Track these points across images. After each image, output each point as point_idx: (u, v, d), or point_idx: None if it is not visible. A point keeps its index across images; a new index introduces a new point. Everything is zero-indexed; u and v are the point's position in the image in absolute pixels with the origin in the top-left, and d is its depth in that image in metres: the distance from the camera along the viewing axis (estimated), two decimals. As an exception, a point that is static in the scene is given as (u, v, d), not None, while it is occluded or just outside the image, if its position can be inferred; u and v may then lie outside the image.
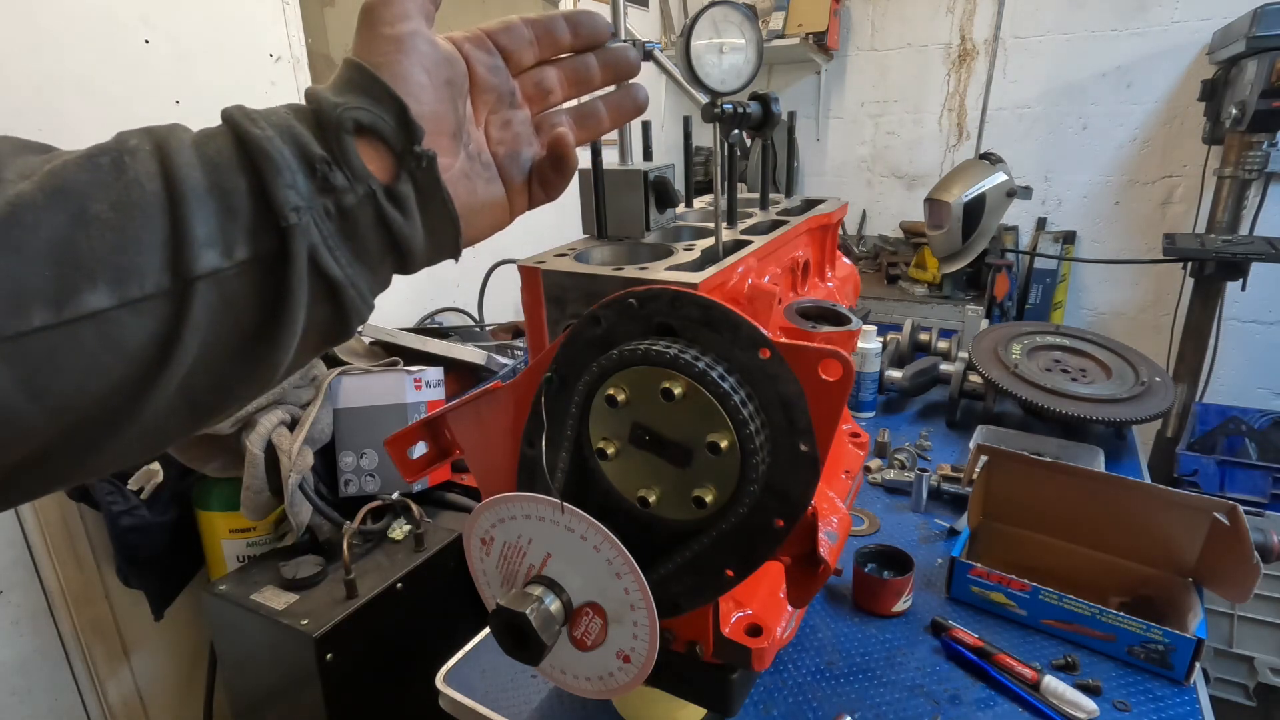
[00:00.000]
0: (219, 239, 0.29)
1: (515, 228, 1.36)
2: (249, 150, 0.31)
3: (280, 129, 0.32)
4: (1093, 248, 2.94)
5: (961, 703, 0.83)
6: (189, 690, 1.67)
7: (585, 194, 0.74)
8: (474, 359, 1.62)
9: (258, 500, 1.28)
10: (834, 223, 0.95)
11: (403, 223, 0.35)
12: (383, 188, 0.34)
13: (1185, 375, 2.20)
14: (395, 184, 0.34)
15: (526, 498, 0.53)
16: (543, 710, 0.86)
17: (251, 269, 0.30)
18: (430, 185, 0.36)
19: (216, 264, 0.29)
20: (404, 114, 0.34)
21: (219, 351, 0.31)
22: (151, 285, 0.28)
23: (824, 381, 0.49)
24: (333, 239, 0.32)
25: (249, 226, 0.30)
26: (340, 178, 0.32)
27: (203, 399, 0.32)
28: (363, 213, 0.33)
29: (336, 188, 0.32)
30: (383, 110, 0.34)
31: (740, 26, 0.62)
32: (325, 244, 0.32)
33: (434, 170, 0.36)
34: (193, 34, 1.51)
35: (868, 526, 1.20)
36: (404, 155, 0.35)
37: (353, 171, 0.33)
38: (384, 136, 0.34)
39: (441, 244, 0.39)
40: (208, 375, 0.31)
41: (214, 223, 0.29)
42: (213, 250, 0.29)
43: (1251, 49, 2.05)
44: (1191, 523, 0.96)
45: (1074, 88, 2.83)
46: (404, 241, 0.36)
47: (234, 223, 0.30)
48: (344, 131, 0.33)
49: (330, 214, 0.32)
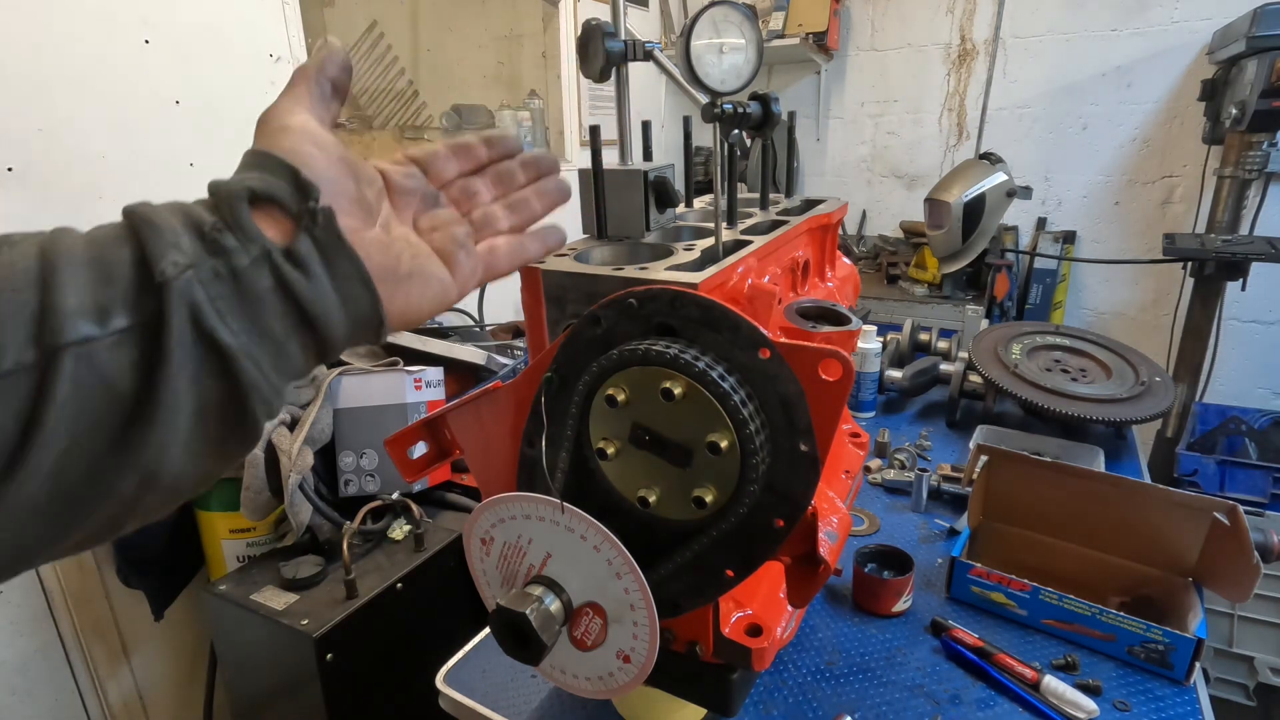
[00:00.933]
0: (92, 307, 0.27)
1: (515, 228, 1.31)
2: (134, 223, 0.30)
3: (172, 207, 0.31)
4: (1093, 248, 2.94)
5: (961, 703, 0.83)
6: (189, 690, 1.67)
7: (585, 194, 0.74)
8: (474, 359, 1.62)
9: (258, 500, 1.28)
10: (834, 223, 0.95)
11: (305, 284, 0.33)
12: (280, 249, 0.32)
13: (1185, 375, 2.20)
14: (294, 244, 0.33)
15: (526, 498, 0.53)
16: (543, 710, 0.86)
17: (131, 338, 0.28)
18: (332, 241, 0.34)
19: (88, 333, 0.27)
20: (296, 176, 0.34)
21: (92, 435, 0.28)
22: (11, 361, 0.26)
23: (824, 381, 0.49)
24: (222, 302, 0.30)
25: (128, 292, 0.28)
26: (231, 240, 0.31)
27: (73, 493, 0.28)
28: (258, 275, 0.31)
29: (227, 249, 0.30)
30: (276, 177, 0.33)
31: (740, 26, 0.62)
32: (213, 306, 0.30)
33: (333, 224, 0.34)
34: (193, 34, 1.51)
35: (868, 526, 1.20)
36: (300, 215, 0.33)
37: (245, 234, 0.31)
38: (279, 200, 0.33)
39: (359, 311, 0.36)
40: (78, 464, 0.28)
41: (87, 291, 0.27)
42: (83, 319, 0.27)
43: (1251, 49, 2.05)
44: (1191, 523, 0.96)
45: (1074, 88, 2.83)
46: (311, 307, 0.33)
47: (111, 289, 0.28)
48: (236, 200, 0.32)
49: (221, 275, 0.30)
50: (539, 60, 2.75)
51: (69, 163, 1.34)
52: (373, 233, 0.38)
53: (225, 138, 1.58)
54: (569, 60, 2.70)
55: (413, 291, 0.40)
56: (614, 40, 0.68)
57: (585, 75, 0.71)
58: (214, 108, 1.55)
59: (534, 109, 2.69)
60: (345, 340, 0.36)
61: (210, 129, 1.55)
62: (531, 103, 2.70)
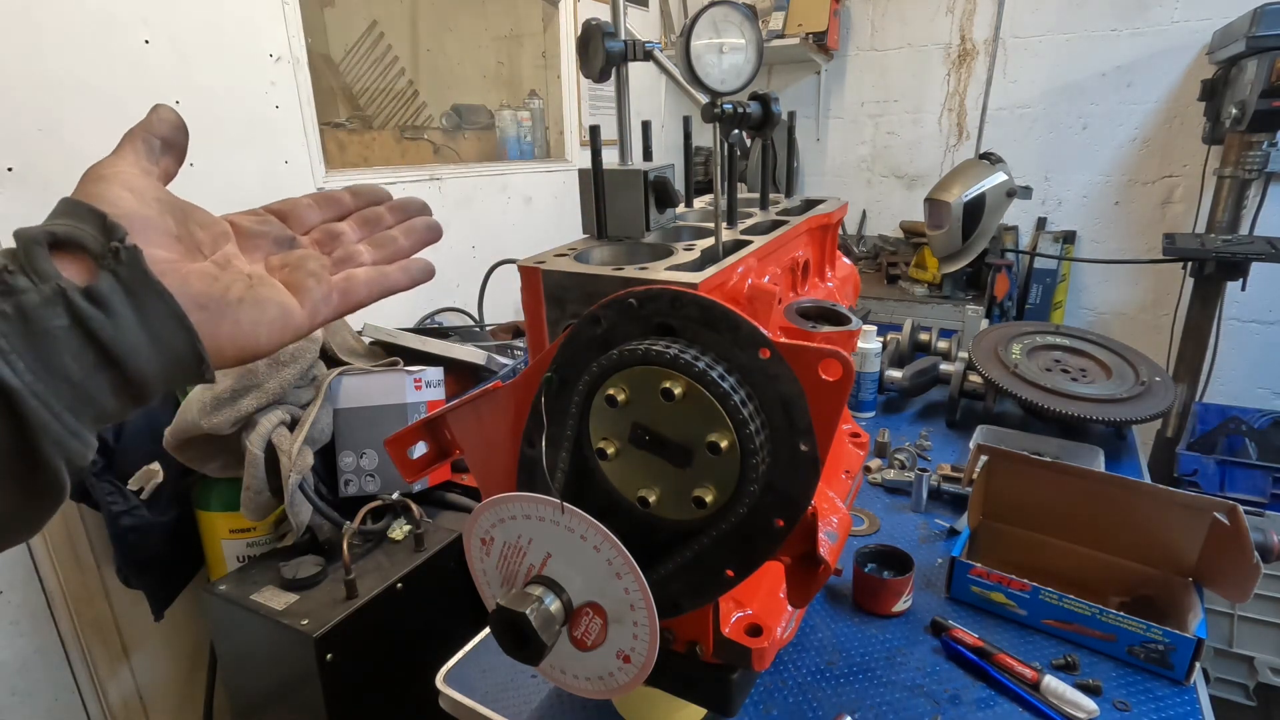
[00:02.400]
0: None
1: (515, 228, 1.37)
2: None
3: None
4: (1093, 248, 2.94)
5: (961, 703, 0.83)
6: (189, 690, 1.67)
7: (585, 194, 0.74)
8: (474, 359, 1.62)
9: (258, 500, 1.28)
10: (834, 223, 0.95)
11: (106, 323, 0.32)
12: (79, 289, 0.31)
13: (1185, 375, 2.20)
14: (95, 283, 0.32)
15: (526, 498, 0.53)
16: (543, 710, 0.86)
17: None
18: (138, 278, 0.33)
19: None
20: (103, 220, 0.33)
21: None
22: None
23: (824, 381, 0.49)
24: (6, 340, 0.29)
25: None
26: (23, 280, 0.30)
27: None
28: (51, 314, 0.30)
29: (16, 289, 0.30)
30: (81, 222, 0.33)
31: (740, 26, 0.62)
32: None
33: (139, 262, 0.33)
34: (193, 34, 1.51)
35: (868, 526, 1.20)
36: (102, 254, 0.33)
37: (38, 274, 0.31)
38: (83, 244, 0.32)
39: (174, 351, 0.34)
40: None
41: None
42: None
43: (1251, 49, 2.05)
44: (1191, 523, 0.96)
45: (1074, 88, 2.83)
46: (113, 346, 0.32)
47: None
48: (34, 244, 0.31)
49: (7, 315, 0.29)
50: (539, 60, 2.75)
51: (69, 163, 1.34)
52: (197, 265, 0.38)
53: (225, 137, 1.58)
54: (569, 60, 2.70)
55: (243, 318, 0.38)
56: (614, 40, 0.68)
57: (585, 75, 0.71)
58: (214, 108, 1.55)
59: (534, 109, 2.70)
60: (161, 379, 0.35)
61: (210, 129, 1.55)
62: (531, 103, 2.70)
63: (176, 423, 1.27)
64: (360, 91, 2.30)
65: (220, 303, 0.37)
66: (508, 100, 2.72)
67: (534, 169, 2.62)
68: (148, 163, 0.39)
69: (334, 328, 1.53)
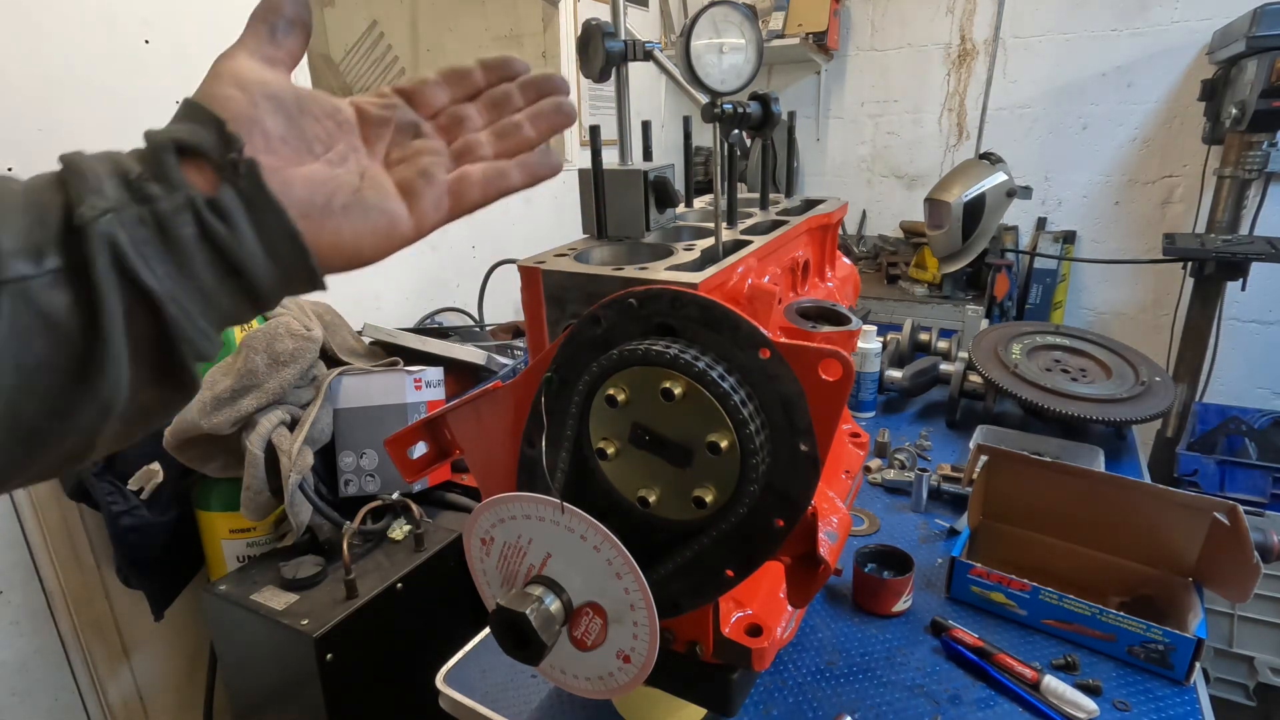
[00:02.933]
0: (27, 248, 0.29)
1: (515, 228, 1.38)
2: (65, 170, 0.31)
3: (103, 156, 0.32)
4: (1093, 248, 2.94)
5: (961, 703, 0.83)
6: (189, 690, 1.67)
7: (585, 194, 0.74)
8: (474, 359, 1.62)
9: (258, 500, 1.28)
10: (834, 223, 0.95)
11: (229, 236, 0.33)
12: (204, 199, 0.33)
13: (1185, 375, 2.20)
14: (218, 195, 0.33)
15: (526, 498, 0.53)
16: (543, 710, 0.86)
17: (65, 279, 0.30)
18: (256, 194, 0.34)
19: (25, 271, 0.29)
20: (222, 127, 0.34)
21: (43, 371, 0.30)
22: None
23: (824, 381, 0.49)
24: (147, 247, 0.31)
25: (59, 234, 0.30)
26: (156, 188, 0.32)
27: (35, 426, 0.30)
28: (182, 222, 0.32)
29: (151, 196, 0.32)
30: (203, 128, 0.34)
31: (740, 26, 0.62)
32: (137, 250, 0.31)
33: (257, 177, 0.34)
34: (193, 34, 1.51)
35: (868, 526, 1.20)
36: (222, 166, 0.34)
37: (170, 183, 0.32)
38: (204, 151, 0.33)
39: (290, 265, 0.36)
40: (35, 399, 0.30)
41: (23, 234, 0.29)
42: (20, 259, 0.29)
43: (1251, 49, 2.05)
44: (1191, 523, 0.96)
45: (1074, 88, 2.83)
46: (235, 257, 0.34)
47: (44, 232, 0.30)
48: (163, 150, 0.33)
49: (145, 221, 0.31)
50: (539, 60, 2.75)
51: (69, 163, 1.34)
52: (304, 169, 0.37)
53: (225, 138, 1.58)
54: (569, 60, 2.70)
55: (344, 229, 0.38)
56: (614, 40, 0.68)
57: (585, 75, 0.71)
58: (214, 108, 1.54)
59: (534, 109, 2.69)
60: (279, 289, 0.36)
61: (210, 129, 1.55)
62: (531, 103, 2.70)
63: (176, 423, 1.27)
64: (360, 91, 2.30)
65: (321, 211, 0.37)
66: (508, 100, 2.72)
67: (534, 169, 2.62)
68: (270, 48, 0.39)
69: (334, 327, 1.53)
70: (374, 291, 2.06)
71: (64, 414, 0.31)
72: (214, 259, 0.33)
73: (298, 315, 1.40)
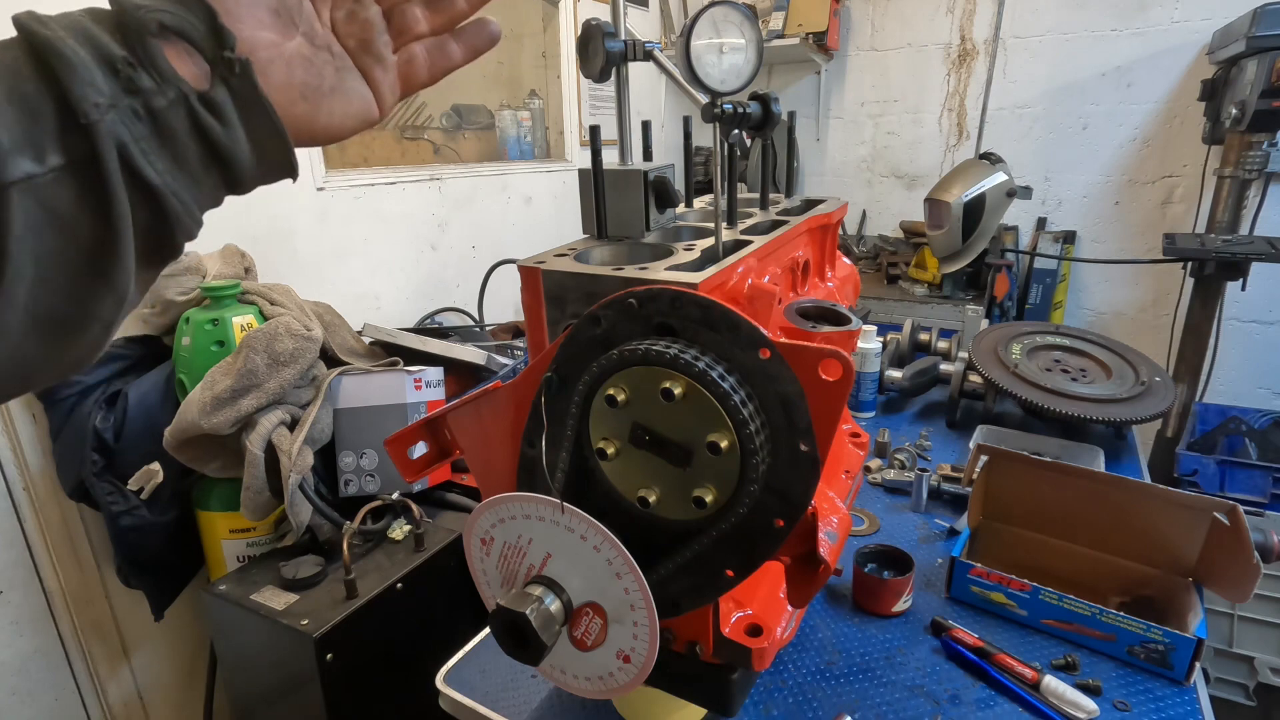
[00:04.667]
0: (27, 145, 0.28)
1: (515, 228, 1.38)
2: (42, 53, 0.29)
3: (73, 30, 0.30)
4: (1093, 248, 2.94)
5: (961, 703, 0.83)
6: (189, 690, 1.67)
7: (585, 194, 0.74)
8: (474, 359, 1.62)
9: (258, 500, 1.28)
10: (834, 223, 0.95)
11: (221, 132, 0.34)
12: (196, 94, 0.33)
13: (1185, 375, 2.20)
14: (210, 91, 0.33)
15: (526, 498, 0.53)
16: (543, 710, 0.86)
17: (68, 175, 0.30)
18: (249, 93, 0.34)
19: (30, 170, 0.28)
20: (213, 19, 0.33)
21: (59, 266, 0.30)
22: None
23: (824, 381, 0.49)
24: (145, 142, 0.31)
25: (56, 131, 0.29)
26: (146, 79, 0.31)
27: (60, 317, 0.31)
28: (176, 117, 0.32)
29: (143, 89, 0.31)
30: (189, 13, 0.33)
31: (740, 26, 0.62)
32: (138, 146, 0.31)
33: (250, 77, 0.34)
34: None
35: (868, 526, 1.20)
36: (216, 61, 0.33)
37: (160, 74, 0.31)
38: (192, 40, 0.33)
39: (272, 159, 0.37)
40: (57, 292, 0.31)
41: (19, 130, 0.28)
42: (23, 157, 0.28)
43: (1251, 49, 2.05)
44: (1191, 523, 0.96)
45: (1074, 88, 2.83)
46: (225, 151, 0.34)
47: (40, 127, 0.29)
48: (147, 33, 0.31)
49: (140, 116, 0.31)
50: (539, 60, 2.75)
51: (69, 163, 1.34)
52: (294, 44, 0.38)
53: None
54: (569, 60, 2.70)
55: (335, 108, 0.40)
56: (614, 40, 0.68)
57: (585, 75, 0.71)
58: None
59: (534, 109, 2.70)
60: (257, 178, 0.37)
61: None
62: (531, 103, 2.70)
63: (176, 423, 1.27)
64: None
65: (318, 92, 0.39)
66: (508, 100, 2.72)
67: (534, 169, 2.62)
68: None
69: (334, 327, 1.53)
70: (374, 291, 2.06)
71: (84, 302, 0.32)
72: (205, 151, 0.34)
73: (298, 315, 1.40)
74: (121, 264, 0.32)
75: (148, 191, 0.32)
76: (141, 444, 1.34)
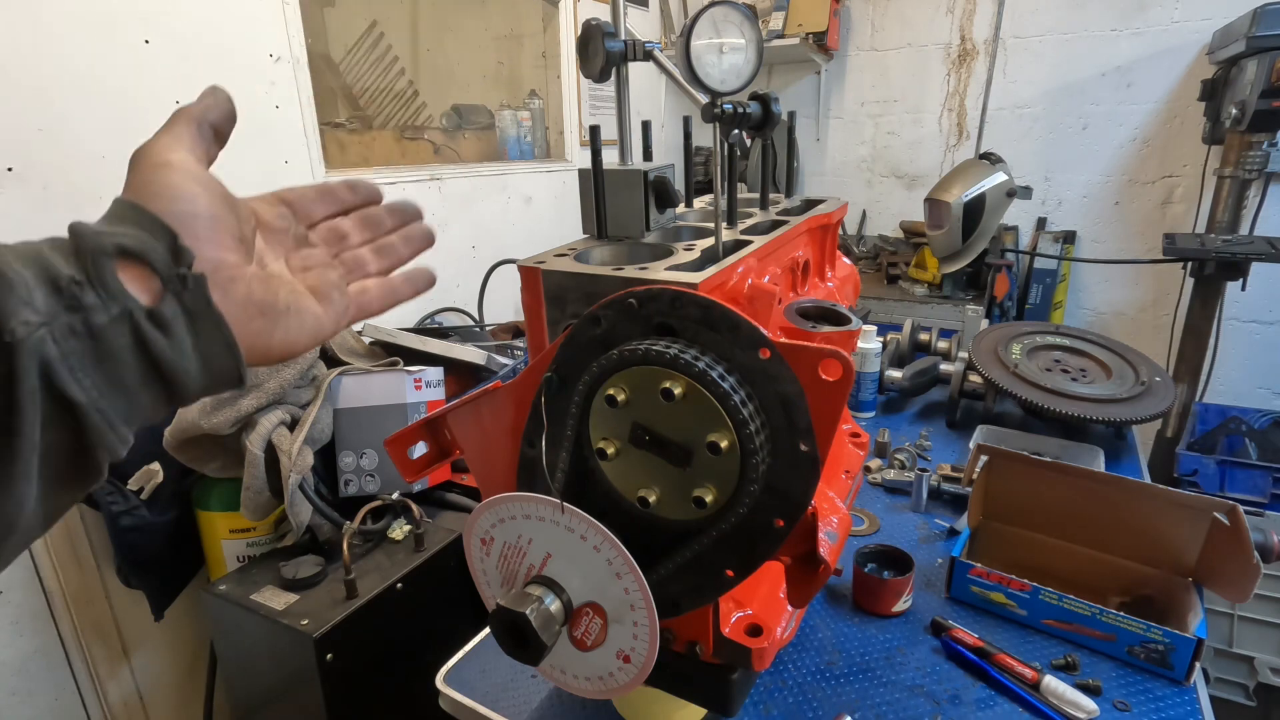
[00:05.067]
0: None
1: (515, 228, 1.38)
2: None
3: (25, 256, 0.31)
4: (1093, 248, 2.94)
5: (961, 703, 0.83)
6: (189, 690, 1.67)
7: (585, 194, 0.74)
8: (474, 359, 1.62)
9: (258, 500, 1.28)
10: (834, 223, 0.95)
11: (165, 345, 0.33)
12: (144, 309, 0.32)
13: (1185, 375, 2.20)
14: (159, 306, 0.33)
15: (526, 498, 0.53)
16: (543, 710, 0.86)
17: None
18: (200, 306, 0.34)
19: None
20: (174, 240, 0.34)
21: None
22: None
23: (824, 381, 0.49)
24: (76, 359, 0.30)
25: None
26: (91, 296, 0.31)
27: None
28: (118, 333, 0.32)
29: (85, 306, 0.31)
30: (153, 238, 0.33)
31: (740, 26, 0.62)
32: (65, 363, 0.30)
33: (203, 291, 0.35)
34: (193, 34, 1.51)
35: (868, 526, 1.20)
36: (169, 278, 0.33)
37: (107, 291, 0.31)
38: (150, 261, 0.33)
39: (221, 370, 0.36)
40: None
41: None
42: None
43: (1251, 49, 2.05)
44: (1191, 523, 0.96)
45: (1074, 88, 2.83)
46: (169, 366, 0.34)
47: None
48: (102, 255, 0.31)
49: (77, 332, 0.30)
50: (539, 60, 2.75)
51: (69, 163, 1.34)
52: (252, 269, 0.39)
53: (225, 138, 1.58)
54: (569, 60, 2.70)
55: (291, 326, 0.41)
56: (614, 40, 0.68)
57: (585, 75, 0.71)
58: (214, 108, 1.54)
59: (534, 109, 2.70)
60: (200, 393, 0.37)
61: (210, 129, 1.55)
62: (531, 103, 2.70)
63: (176, 423, 1.27)
64: (360, 91, 2.30)
65: (273, 310, 0.40)
66: (508, 100, 2.72)
67: (534, 169, 2.62)
68: (201, 150, 0.39)
69: (334, 328, 1.53)
70: (374, 291, 2.05)
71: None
72: (146, 366, 0.33)
73: (298, 315, 1.39)
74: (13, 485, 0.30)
75: (69, 409, 0.30)
76: (141, 444, 1.34)
